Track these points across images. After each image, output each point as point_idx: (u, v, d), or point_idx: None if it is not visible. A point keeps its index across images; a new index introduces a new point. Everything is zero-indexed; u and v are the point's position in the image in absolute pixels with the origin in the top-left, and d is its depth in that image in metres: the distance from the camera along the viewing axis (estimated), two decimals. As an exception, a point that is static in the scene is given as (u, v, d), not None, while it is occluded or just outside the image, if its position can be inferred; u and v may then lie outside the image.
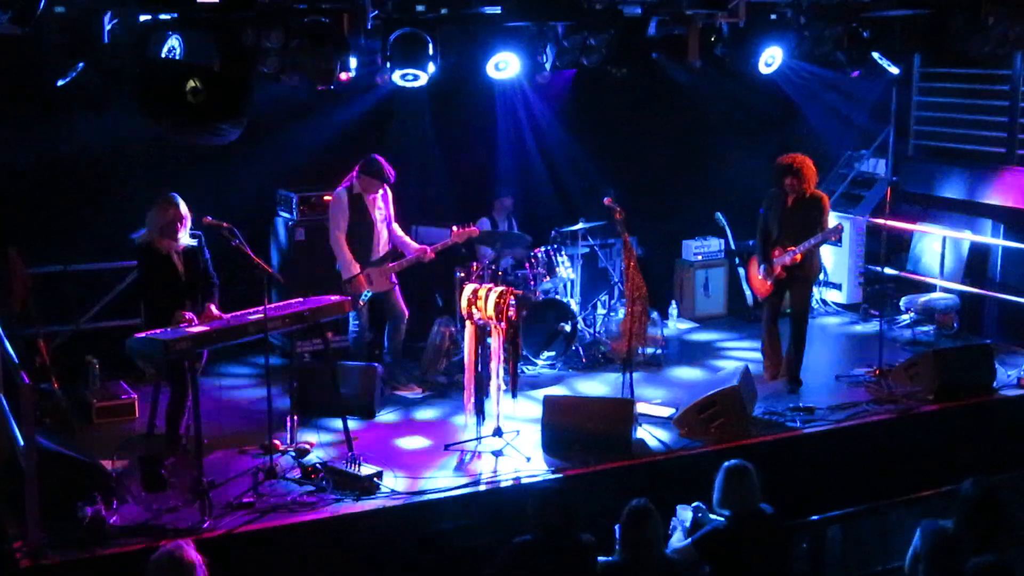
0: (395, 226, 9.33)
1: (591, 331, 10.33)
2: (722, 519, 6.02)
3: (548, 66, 9.38)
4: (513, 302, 7.90)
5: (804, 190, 9.00)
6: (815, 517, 7.03)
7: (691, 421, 8.22)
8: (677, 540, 6.16)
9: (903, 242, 11.98)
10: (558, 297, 10.13)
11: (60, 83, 7.98)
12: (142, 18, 7.64)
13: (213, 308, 7.54)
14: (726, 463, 6.07)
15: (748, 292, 11.58)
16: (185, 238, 7.49)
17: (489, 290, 8.08)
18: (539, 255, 10.11)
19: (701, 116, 11.85)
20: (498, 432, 8.03)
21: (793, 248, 9.00)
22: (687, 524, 6.26)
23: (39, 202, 8.99)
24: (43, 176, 8.97)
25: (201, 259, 7.63)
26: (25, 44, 7.67)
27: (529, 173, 11.35)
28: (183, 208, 7.42)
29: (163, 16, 7.41)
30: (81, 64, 7.87)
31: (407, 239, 9.39)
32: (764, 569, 5.97)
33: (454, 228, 9.33)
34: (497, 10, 8.73)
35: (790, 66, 10.31)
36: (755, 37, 9.71)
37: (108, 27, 7.76)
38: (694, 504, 6.28)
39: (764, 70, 9.84)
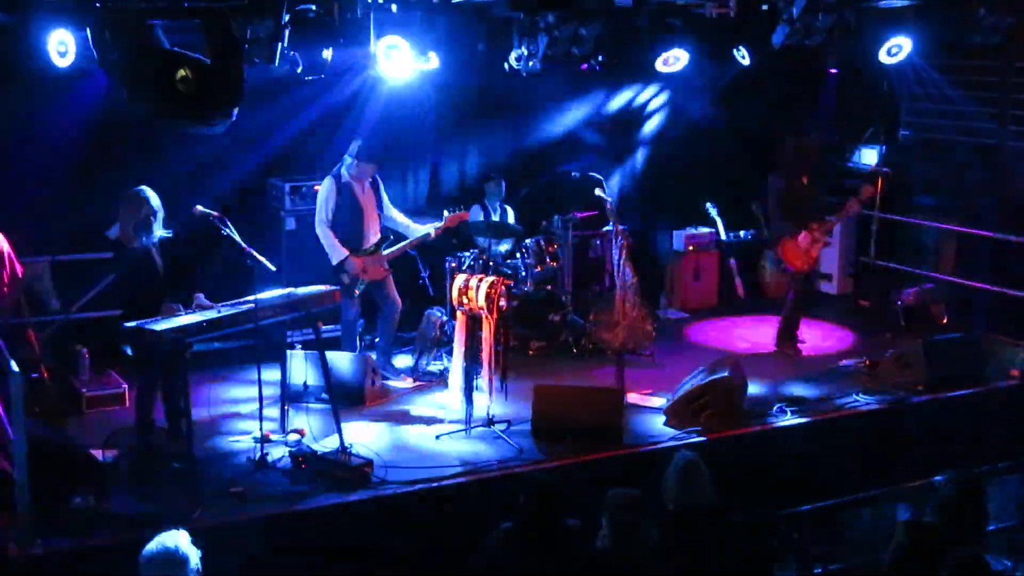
0: (394, 211, 9.32)
1: (582, 321, 10.33)
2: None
3: (539, 56, 9.35)
4: (504, 292, 7.91)
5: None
6: (805, 507, 7.05)
7: (682, 411, 8.24)
8: None
9: (894, 233, 12.00)
10: (549, 287, 10.14)
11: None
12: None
13: (202, 298, 7.53)
14: (676, 456, 6.06)
15: (740, 282, 11.62)
16: (159, 231, 7.44)
17: (480, 280, 8.08)
18: (529, 245, 10.12)
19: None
20: (489, 422, 8.05)
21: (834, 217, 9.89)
22: None
23: (27, 191, 8.96)
24: (31, 164, 8.94)
25: (181, 249, 7.57)
26: (13, 31, 7.63)
27: (522, 162, 11.36)
28: (154, 202, 7.35)
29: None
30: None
31: (408, 221, 9.38)
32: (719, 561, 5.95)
33: (446, 213, 9.34)
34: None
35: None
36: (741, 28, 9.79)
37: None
38: None
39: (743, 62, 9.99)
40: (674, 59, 9.85)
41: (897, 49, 10.10)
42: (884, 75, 12.04)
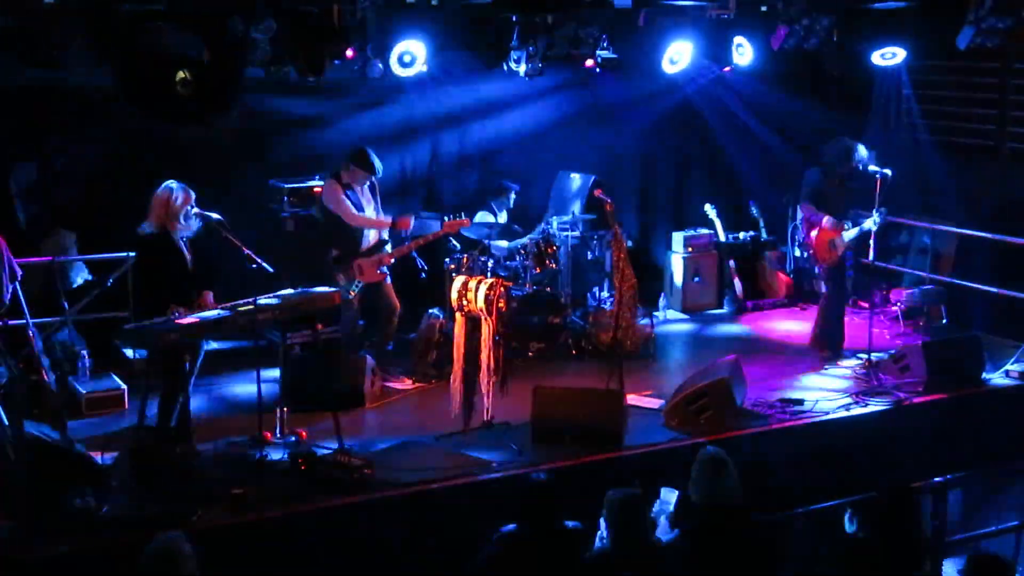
0: None
1: (581, 323, 10.33)
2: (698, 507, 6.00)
3: (539, 58, 9.37)
4: (503, 294, 7.90)
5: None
6: (801, 509, 7.05)
7: (681, 413, 8.24)
8: (664, 527, 6.16)
9: (892, 234, 12.00)
10: (548, 289, 10.14)
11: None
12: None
13: (209, 298, 7.53)
14: (702, 452, 6.05)
15: (739, 284, 11.62)
16: (194, 224, 7.47)
17: (479, 282, 8.08)
18: (529, 247, 10.12)
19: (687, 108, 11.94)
20: (488, 424, 8.04)
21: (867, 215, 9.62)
22: (671, 508, 6.26)
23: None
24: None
25: (206, 247, 7.59)
26: (14, 34, 7.64)
27: (525, 163, 11.39)
28: (187, 194, 7.39)
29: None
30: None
31: None
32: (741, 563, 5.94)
33: (445, 219, 9.34)
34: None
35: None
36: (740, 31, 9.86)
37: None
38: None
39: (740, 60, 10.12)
40: (677, 56, 9.92)
41: (892, 55, 10.12)
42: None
